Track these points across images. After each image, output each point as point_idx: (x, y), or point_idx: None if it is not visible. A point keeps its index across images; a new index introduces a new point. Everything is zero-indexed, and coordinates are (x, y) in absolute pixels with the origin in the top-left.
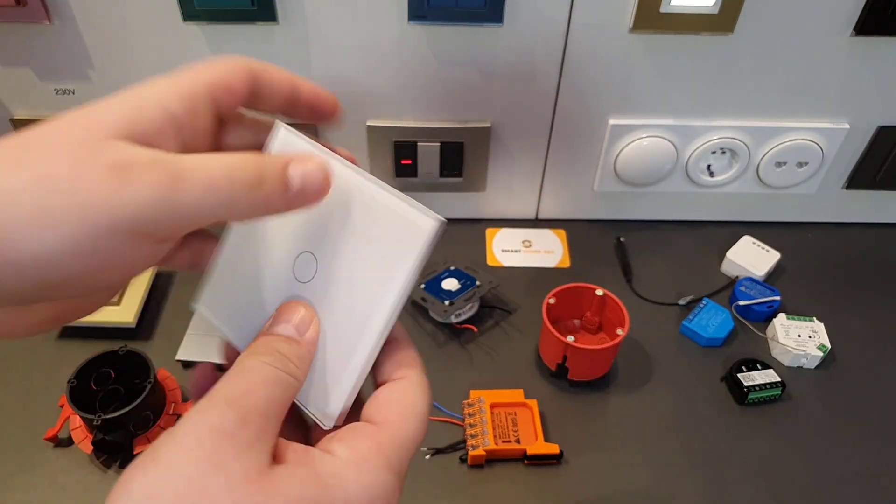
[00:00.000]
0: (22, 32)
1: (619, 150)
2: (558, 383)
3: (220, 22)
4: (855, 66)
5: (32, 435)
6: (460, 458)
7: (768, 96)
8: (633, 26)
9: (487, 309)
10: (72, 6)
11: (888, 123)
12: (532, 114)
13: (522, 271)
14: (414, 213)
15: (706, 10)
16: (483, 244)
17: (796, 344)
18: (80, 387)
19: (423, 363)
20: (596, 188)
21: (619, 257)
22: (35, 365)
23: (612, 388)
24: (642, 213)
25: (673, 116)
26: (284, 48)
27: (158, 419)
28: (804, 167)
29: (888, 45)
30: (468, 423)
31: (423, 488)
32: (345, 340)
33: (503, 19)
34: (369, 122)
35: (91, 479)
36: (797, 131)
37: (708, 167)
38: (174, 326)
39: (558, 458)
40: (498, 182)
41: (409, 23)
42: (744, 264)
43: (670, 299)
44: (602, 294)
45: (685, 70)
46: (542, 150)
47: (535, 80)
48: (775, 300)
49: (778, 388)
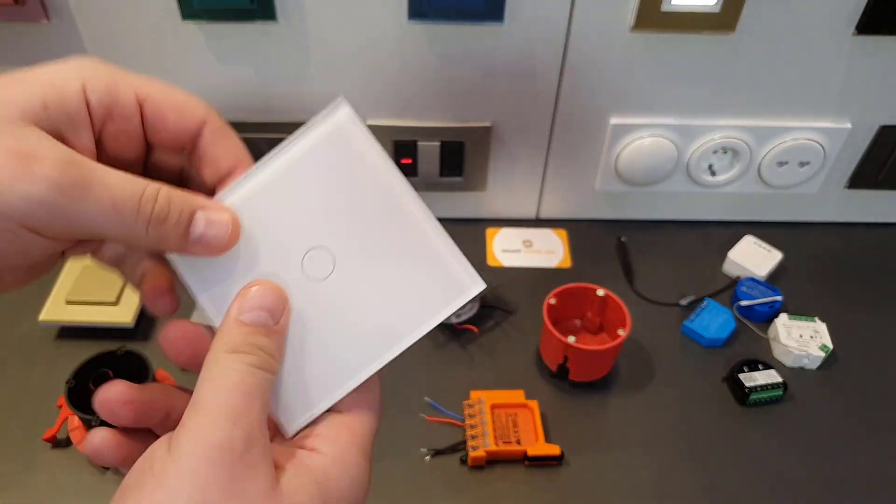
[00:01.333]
0: (20, 31)
1: (621, 149)
2: (559, 384)
3: (220, 21)
4: (857, 65)
5: (31, 435)
6: (461, 459)
7: (770, 96)
8: (634, 25)
9: (488, 309)
10: (70, 5)
11: (890, 123)
12: (533, 113)
13: (523, 271)
14: (465, 270)
15: (708, 9)
16: (483, 244)
17: (798, 344)
18: (79, 387)
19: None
20: (597, 188)
21: (620, 257)
22: (33, 365)
23: (614, 389)
24: (644, 212)
25: (674, 116)
26: (284, 47)
27: None
28: (806, 167)
29: (890, 43)
30: (468, 424)
31: (423, 489)
32: (342, 358)
33: (504, 18)
34: (369, 121)
35: (89, 480)
36: (799, 131)
37: (709, 167)
38: None
39: (559, 460)
40: (498, 181)
41: (410, 21)
42: (745, 264)
43: (672, 299)
44: (603, 294)
45: (687, 69)
46: (542, 150)
47: (535, 79)
48: (777, 300)
49: (780, 388)
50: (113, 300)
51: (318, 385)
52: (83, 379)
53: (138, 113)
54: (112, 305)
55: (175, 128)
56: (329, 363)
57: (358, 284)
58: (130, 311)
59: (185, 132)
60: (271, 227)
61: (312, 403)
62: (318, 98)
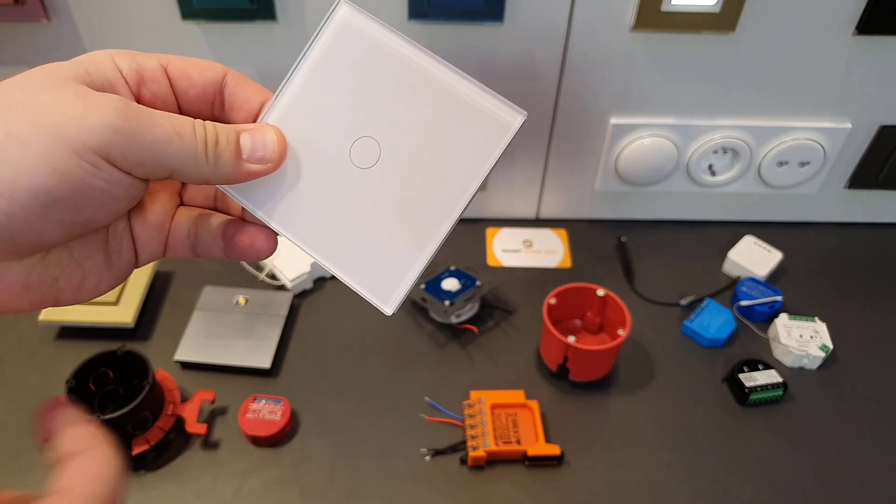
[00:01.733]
0: (20, 31)
1: (621, 149)
2: (559, 384)
3: (219, 21)
4: (857, 65)
5: (30, 436)
6: (460, 459)
7: (770, 95)
8: (634, 25)
9: (488, 309)
10: (70, 5)
11: (890, 123)
12: (533, 113)
13: (523, 271)
14: (500, 106)
15: (708, 9)
16: (483, 244)
17: (798, 344)
18: (79, 388)
19: (102, 437)
20: (597, 188)
21: (620, 257)
22: (33, 366)
23: (614, 389)
24: (644, 212)
25: (674, 116)
26: (283, 47)
27: (157, 420)
28: (806, 167)
29: (890, 43)
30: (468, 424)
31: (423, 489)
32: (413, 228)
33: (504, 18)
34: None
35: None
36: (799, 131)
37: (709, 167)
38: (173, 327)
39: (559, 460)
40: (498, 181)
41: (410, 21)
42: (745, 264)
43: (672, 299)
44: (603, 294)
45: (687, 69)
46: (542, 150)
47: (535, 79)
48: (777, 300)
49: (780, 388)
50: (113, 300)
51: (400, 257)
52: (83, 379)
53: (165, 76)
54: (112, 305)
55: (201, 80)
56: (401, 234)
57: (408, 158)
58: (130, 311)
59: (210, 84)
60: (312, 133)
61: (402, 276)
62: None
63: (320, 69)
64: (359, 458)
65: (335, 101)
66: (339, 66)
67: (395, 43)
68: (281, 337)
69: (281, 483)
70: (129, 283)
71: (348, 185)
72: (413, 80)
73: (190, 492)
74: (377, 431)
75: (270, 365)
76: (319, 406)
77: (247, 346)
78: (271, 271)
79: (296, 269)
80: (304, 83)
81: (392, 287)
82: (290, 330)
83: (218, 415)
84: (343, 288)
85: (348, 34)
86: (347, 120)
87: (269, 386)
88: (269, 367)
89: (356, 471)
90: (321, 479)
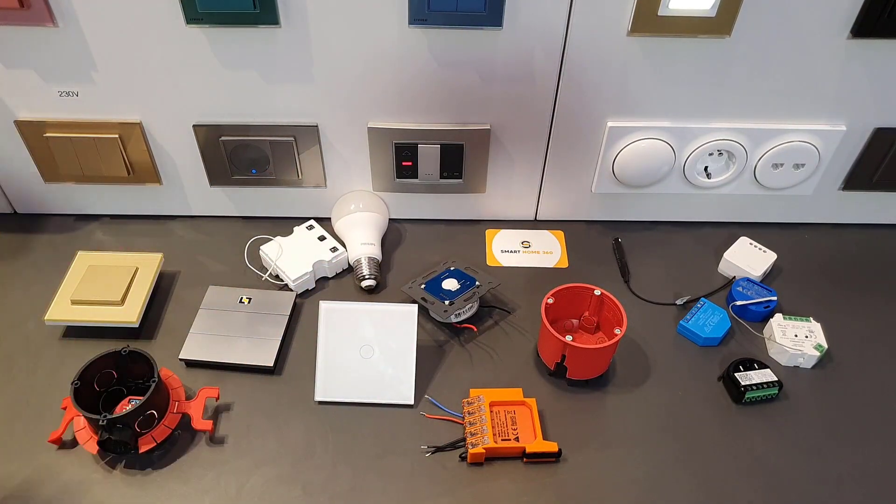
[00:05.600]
0: (26, 35)
1: (617, 151)
2: (557, 382)
3: (223, 25)
4: (852, 68)
5: (36, 436)
6: (460, 456)
7: (765, 98)
8: (631, 29)
9: (487, 309)
10: (76, 9)
11: (885, 125)
12: (531, 116)
13: (521, 271)
14: (403, 307)
15: (704, 14)
16: (483, 245)
17: (793, 344)
18: (84, 388)
19: None
20: (594, 190)
21: (616, 258)
22: (38, 366)
23: (610, 387)
24: (640, 214)
25: (670, 118)
26: (286, 51)
27: (163, 418)
28: (801, 169)
29: (885, 47)
30: (468, 422)
31: (422, 486)
32: (396, 363)
33: (502, 23)
34: (370, 125)
35: (97, 479)
36: (794, 133)
37: (705, 169)
38: (177, 325)
39: (557, 457)
40: (497, 183)
41: (410, 26)
42: (741, 265)
43: (668, 299)
44: (600, 294)
45: (683, 73)
46: (541, 152)
47: (534, 83)
48: (772, 300)
49: (775, 387)
50: (118, 300)
51: (396, 376)
52: (88, 379)
53: None
54: (117, 305)
55: None
56: (391, 367)
57: (382, 356)
58: (135, 311)
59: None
60: (343, 353)
61: (403, 380)
62: (320, 101)
63: (328, 327)
64: (360, 455)
65: (351, 327)
66: (335, 324)
67: (354, 305)
68: (284, 336)
69: (283, 480)
70: (134, 282)
71: (358, 364)
72: (371, 316)
73: (194, 489)
74: (378, 429)
75: (273, 363)
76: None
77: (250, 344)
78: (274, 271)
79: (298, 269)
80: (325, 332)
81: (406, 389)
82: (292, 329)
83: (222, 412)
84: (343, 288)
85: (331, 312)
86: (358, 335)
87: (272, 383)
88: (273, 365)
89: (357, 467)
90: (323, 475)
